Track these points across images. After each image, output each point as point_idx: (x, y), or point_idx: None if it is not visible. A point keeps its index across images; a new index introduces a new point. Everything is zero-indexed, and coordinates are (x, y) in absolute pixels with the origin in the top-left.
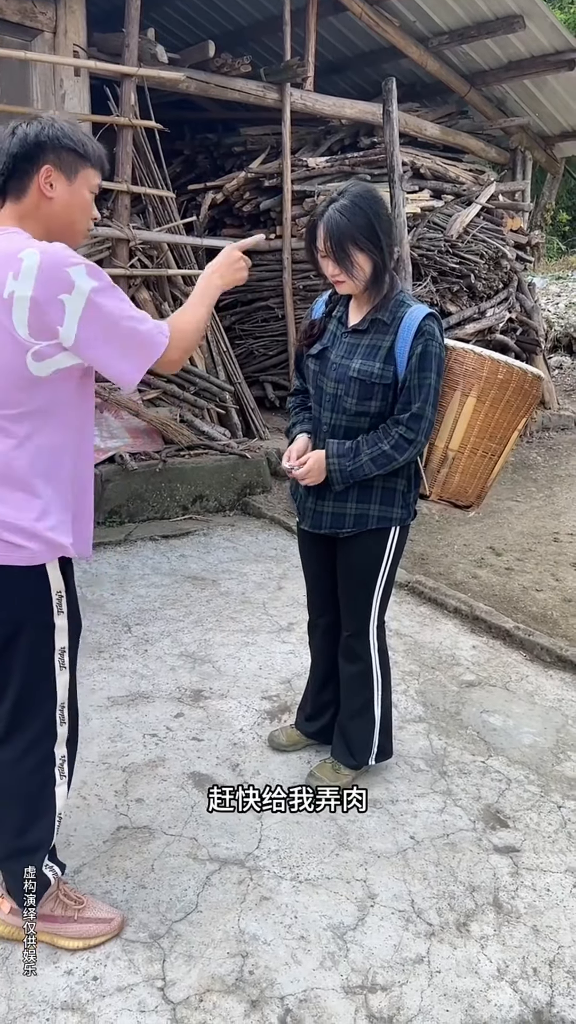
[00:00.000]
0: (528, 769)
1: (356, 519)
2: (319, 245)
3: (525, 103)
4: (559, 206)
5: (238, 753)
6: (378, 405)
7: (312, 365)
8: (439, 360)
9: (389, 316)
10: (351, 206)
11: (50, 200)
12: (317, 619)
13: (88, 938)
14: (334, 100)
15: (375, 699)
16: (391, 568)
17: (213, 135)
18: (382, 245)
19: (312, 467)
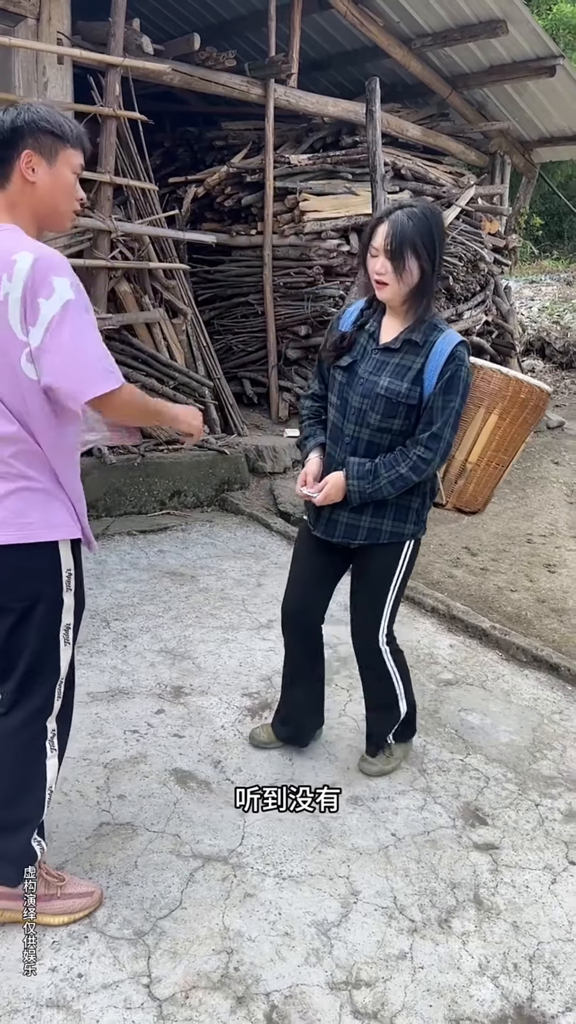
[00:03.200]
0: (506, 767)
1: (369, 532)
2: (377, 242)
3: (505, 107)
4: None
5: (220, 750)
6: (400, 423)
7: (339, 377)
8: (466, 386)
9: (421, 338)
10: (419, 213)
11: (33, 185)
12: (290, 615)
13: (72, 912)
14: (317, 98)
15: (399, 695)
16: (403, 580)
17: (194, 128)
18: (435, 257)
19: (330, 492)
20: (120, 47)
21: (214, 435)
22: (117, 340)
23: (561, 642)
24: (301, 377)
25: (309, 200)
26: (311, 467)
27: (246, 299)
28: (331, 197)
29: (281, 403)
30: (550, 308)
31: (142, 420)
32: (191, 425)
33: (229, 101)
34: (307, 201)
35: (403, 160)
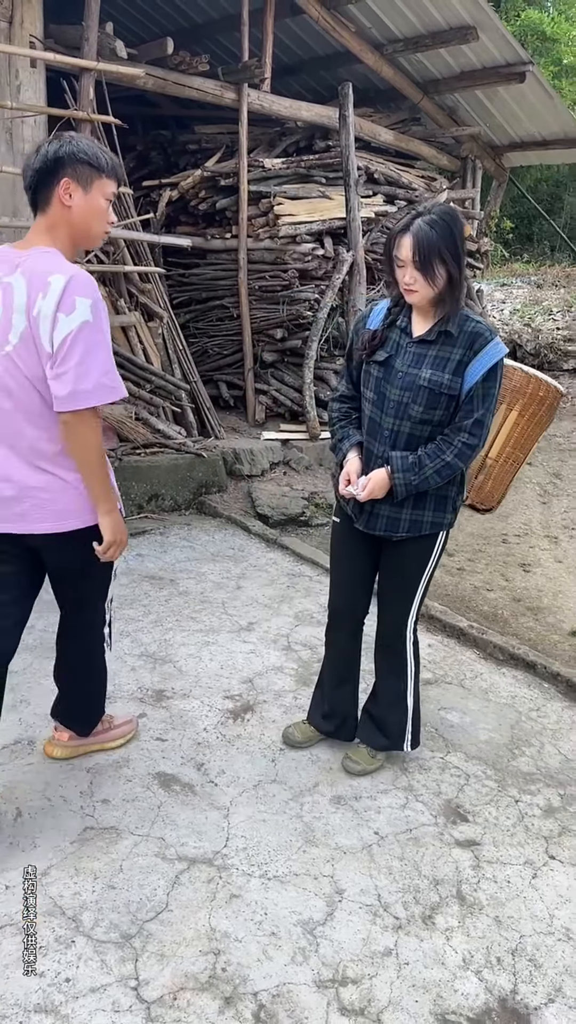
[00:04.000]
0: (485, 764)
1: (411, 524)
2: (402, 255)
3: (476, 113)
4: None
5: (202, 752)
6: (441, 414)
7: (376, 372)
8: (501, 374)
9: (456, 328)
10: (440, 221)
11: (69, 209)
12: (342, 615)
13: (126, 735)
14: (291, 102)
15: (409, 690)
16: (434, 569)
17: (167, 132)
18: (460, 261)
19: (374, 489)
20: (94, 51)
21: (191, 438)
22: None
23: (537, 640)
24: (277, 380)
25: (283, 204)
26: (352, 466)
27: (221, 302)
28: (305, 201)
29: (258, 406)
30: (521, 311)
31: (96, 468)
32: (116, 532)
33: (202, 105)
34: (281, 205)
35: (376, 164)
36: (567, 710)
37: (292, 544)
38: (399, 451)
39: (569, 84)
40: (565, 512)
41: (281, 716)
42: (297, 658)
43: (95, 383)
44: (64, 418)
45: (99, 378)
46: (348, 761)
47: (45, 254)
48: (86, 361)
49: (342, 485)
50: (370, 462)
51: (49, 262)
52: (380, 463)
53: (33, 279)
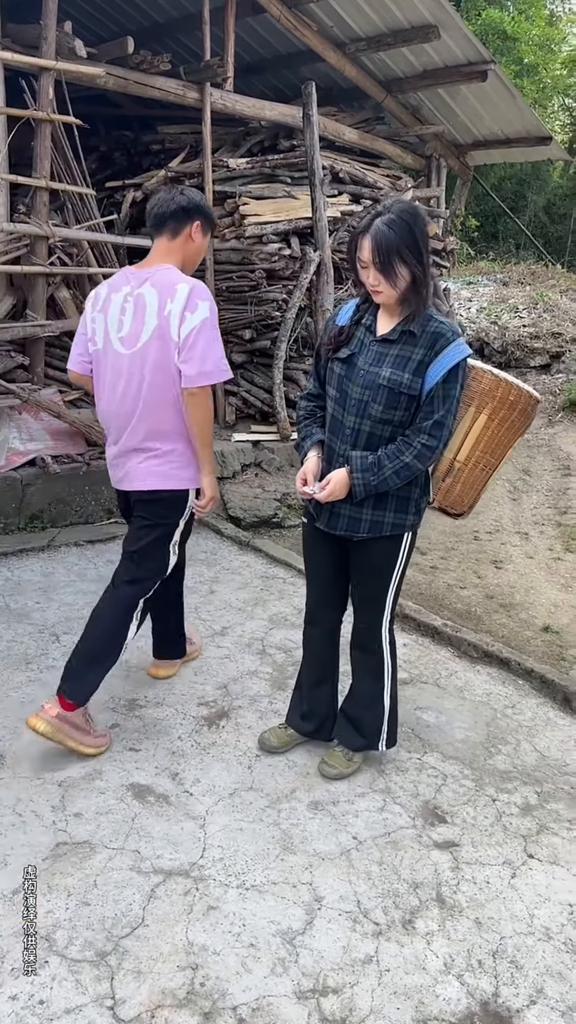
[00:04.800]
0: (462, 764)
1: (371, 525)
2: (364, 256)
3: (439, 111)
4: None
5: (177, 762)
6: (401, 414)
7: (338, 369)
8: (464, 375)
9: (419, 328)
10: (398, 220)
11: (192, 243)
12: (318, 614)
13: (99, 747)
14: (254, 101)
15: (386, 690)
16: (403, 569)
17: (130, 132)
18: (423, 259)
19: (334, 489)
20: (52, 50)
21: None
22: (58, 347)
23: (510, 637)
24: (247, 381)
25: (249, 204)
26: (310, 465)
27: None
28: (271, 201)
29: (228, 408)
30: (488, 309)
31: (205, 432)
32: (214, 489)
33: (165, 105)
34: (247, 205)
35: (341, 163)
36: (542, 706)
37: (265, 546)
38: (359, 451)
39: (530, 83)
40: (535, 508)
41: (257, 722)
42: (272, 662)
43: (214, 366)
44: (191, 391)
45: (217, 362)
46: (324, 766)
47: (169, 270)
48: (207, 349)
49: (298, 484)
50: (332, 460)
51: (173, 275)
52: (341, 462)
53: (163, 288)
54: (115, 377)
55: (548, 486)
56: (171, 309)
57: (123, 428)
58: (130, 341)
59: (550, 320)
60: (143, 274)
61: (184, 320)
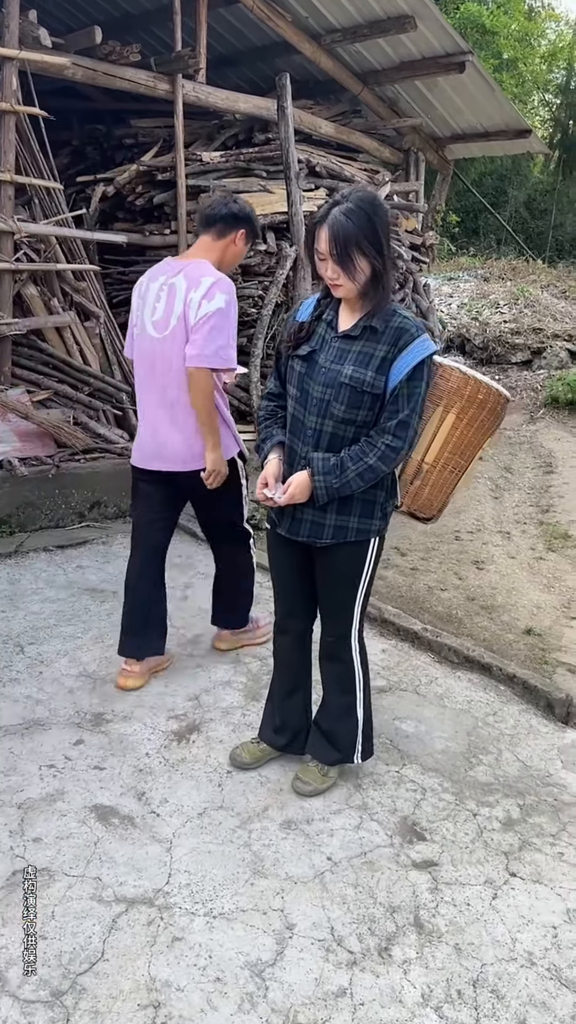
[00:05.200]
0: (442, 776)
1: (335, 531)
2: (321, 248)
3: (417, 104)
4: (448, 208)
5: (144, 780)
6: (364, 414)
7: (299, 367)
8: (429, 372)
9: (381, 324)
10: (356, 209)
11: (234, 247)
12: (287, 623)
13: (267, 635)
14: (227, 94)
15: (358, 701)
16: (371, 576)
17: (102, 126)
18: (383, 250)
19: (295, 493)
20: (15, 39)
21: (133, 442)
22: (25, 346)
23: (492, 640)
24: None
25: None
26: (271, 468)
27: None
28: (245, 195)
29: None
30: (469, 304)
31: (203, 412)
32: (216, 464)
33: (137, 97)
34: None
35: (317, 157)
36: (524, 713)
37: None
38: (321, 452)
39: (510, 78)
40: (516, 506)
41: (229, 735)
42: (246, 671)
43: (214, 352)
44: (189, 370)
45: (217, 350)
46: (298, 782)
47: (202, 264)
48: (211, 335)
49: (259, 489)
50: (293, 462)
51: (204, 269)
52: (303, 464)
53: (191, 279)
54: (149, 359)
55: (530, 483)
56: (192, 297)
57: (155, 407)
58: (161, 326)
59: (531, 316)
60: (179, 265)
61: (200, 307)
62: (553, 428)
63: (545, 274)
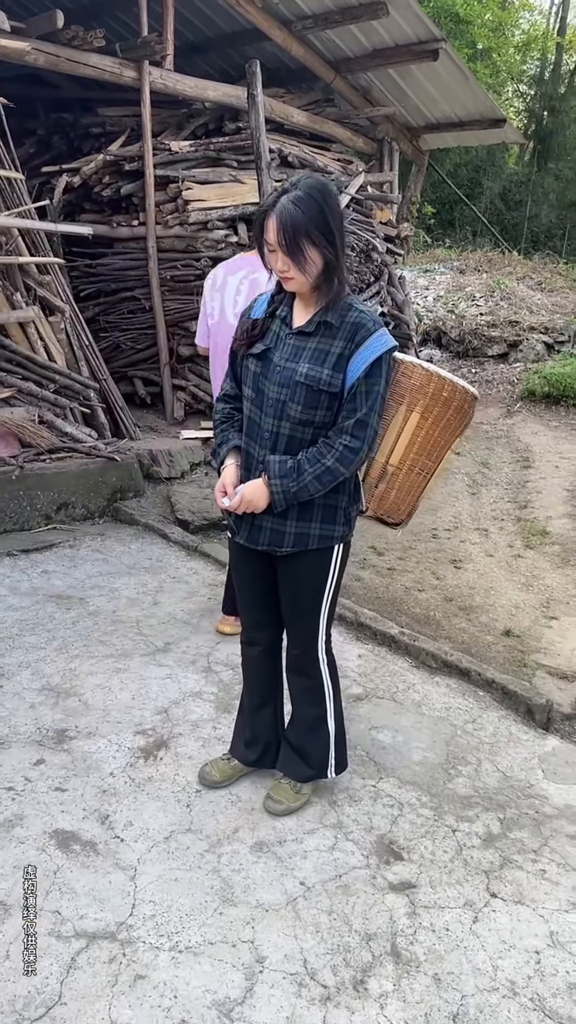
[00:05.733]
0: (420, 790)
1: (296, 538)
2: (269, 238)
3: (390, 93)
4: (424, 199)
5: (108, 802)
6: (322, 415)
7: (253, 367)
8: (389, 369)
9: (337, 319)
10: (306, 197)
11: None
12: (254, 635)
13: None
14: (196, 81)
15: (328, 713)
16: (336, 584)
17: (69, 115)
18: (336, 241)
19: (250, 498)
20: None
21: (103, 440)
22: None
23: (470, 643)
24: (195, 375)
25: (193, 189)
26: (228, 475)
27: (132, 294)
28: (216, 186)
29: (176, 403)
30: (445, 297)
31: None
32: None
33: (104, 85)
34: (191, 190)
35: (289, 147)
36: (504, 720)
37: (214, 551)
38: (278, 455)
39: (483, 68)
40: (494, 503)
41: (199, 751)
42: (218, 680)
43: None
44: None
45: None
46: (270, 801)
47: (251, 257)
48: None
49: (217, 497)
50: (250, 467)
51: (254, 261)
52: (260, 468)
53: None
54: (227, 344)
55: (507, 479)
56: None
57: None
58: None
59: (507, 308)
60: (258, 261)
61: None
62: (530, 422)
63: (521, 266)
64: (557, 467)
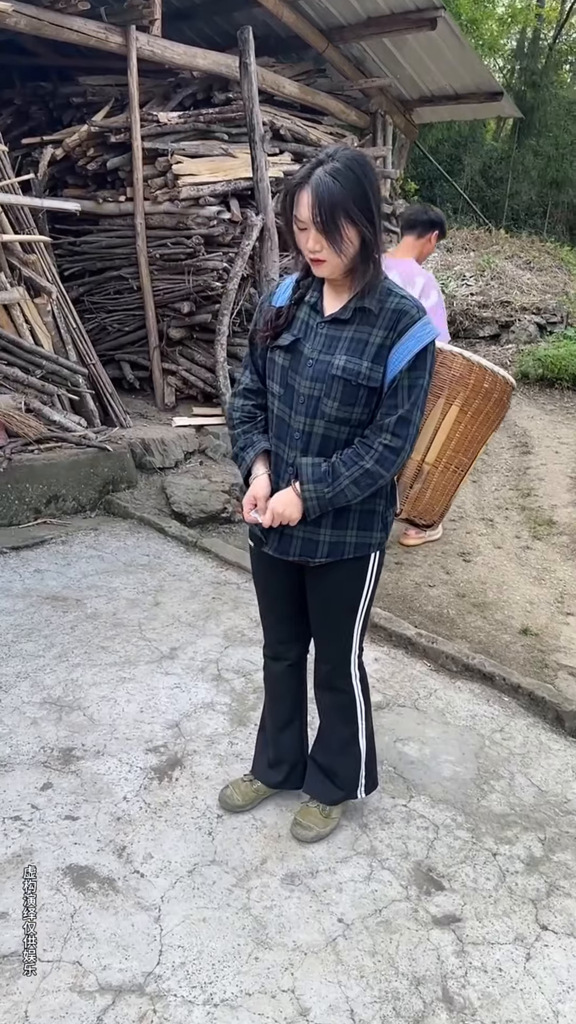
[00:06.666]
0: (454, 809)
1: (331, 547)
2: (302, 214)
3: (385, 64)
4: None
5: (123, 831)
6: (360, 412)
7: (280, 360)
8: (432, 360)
9: (376, 305)
10: (344, 170)
11: (429, 244)
12: (280, 650)
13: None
14: (185, 48)
15: (360, 732)
16: (372, 594)
17: (48, 84)
18: (375, 219)
19: (281, 510)
20: None
21: (93, 429)
22: None
23: (488, 642)
24: (187, 359)
25: (183, 163)
26: (259, 487)
27: (119, 273)
28: (207, 159)
29: (167, 388)
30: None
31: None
32: None
33: (86, 53)
34: (180, 164)
35: (281, 119)
36: (532, 728)
37: (214, 546)
38: (311, 457)
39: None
40: (496, 490)
41: (216, 770)
42: (230, 689)
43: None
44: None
45: (441, 334)
46: (298, 828)
47: (410, 263)
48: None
49: (246, 510)
50: (279, 471)
51: (413, 268)
52: (291, 472)
53: (405, 277)
54: None
55: (508, 465)
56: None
57: None
58: None
59: (498, 288)
60: (392, 263)
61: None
62: (525, 406)
63: (508, 243)
64: (557, 452)
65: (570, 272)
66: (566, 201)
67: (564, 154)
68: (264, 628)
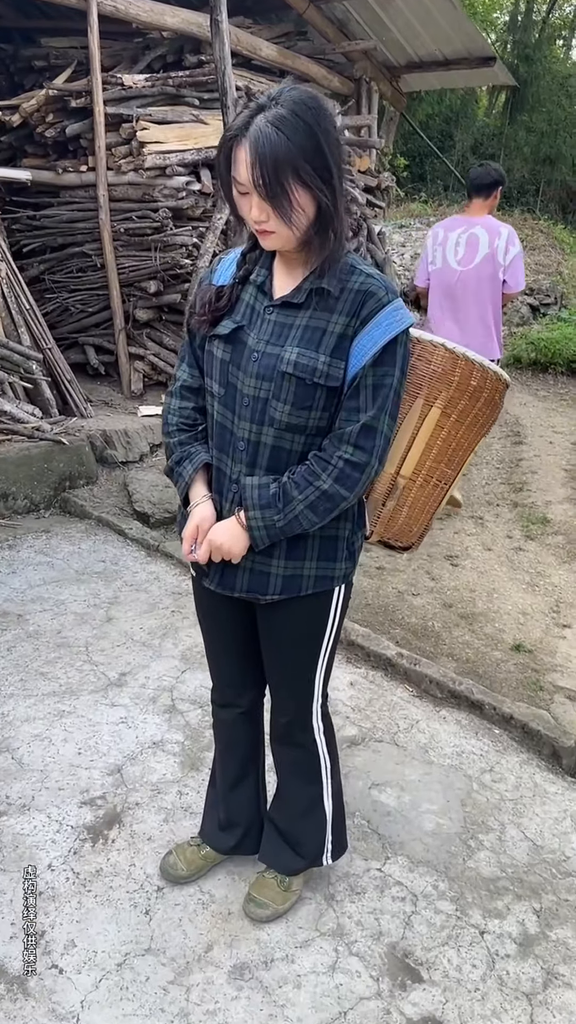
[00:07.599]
0: (436, 873)
1: (285, 582)
2: (240, 175)
3: (369, 26)
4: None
5: (45, 911)
6: (317, 417)
7: (219, 352)
8: (406, 354)
9: (336, 286)
10: (291, 118)
11: (494, 201)
12: (229, 696)
13: None
14: (152, 4)
15: (325, 792)
16: (336, 633)
17: (8, 46)
18: (333, 178)
19: (220, 544)
20: None
21: (49, 419)
22: None
23: (477, 660)
24: (155, 342)
25: (149, 129)
26: (202, 516)
27: (82, 249)
28: (176, 126)
29: (133, 374)
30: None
31: (499, 315)
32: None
33: (49, 13)
34: (147, 131)
35: (258, 84)
36: (526, 766)
37: (178, 551)
38: (259, 475)
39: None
40: (486, 485)
41: (160, 828)
42: (184, 724)
43: (520, 282)
44: (510, 295)
45: (521, 280)
46: (252, 905)
47: (489, 219)
48: (519, 271)
49: (185, 546)
50: (222, 489)
51: (494, 223)
52: (235, 490)
53: (491, 231)
54: (448, 285)
55: (499, 457)
56: (498, 244)
57: (457, 319)
58: (465, 261)
59: None
60: (474, 220)
61: (507, 251)
62: (517, 392)
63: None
64: (551, 443)
65: (564, 251)
66: (559, 179)
67: (557, 130)
68: (211, 671)
